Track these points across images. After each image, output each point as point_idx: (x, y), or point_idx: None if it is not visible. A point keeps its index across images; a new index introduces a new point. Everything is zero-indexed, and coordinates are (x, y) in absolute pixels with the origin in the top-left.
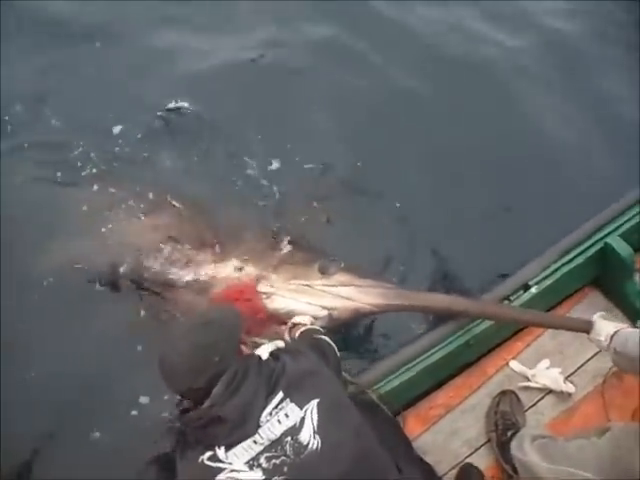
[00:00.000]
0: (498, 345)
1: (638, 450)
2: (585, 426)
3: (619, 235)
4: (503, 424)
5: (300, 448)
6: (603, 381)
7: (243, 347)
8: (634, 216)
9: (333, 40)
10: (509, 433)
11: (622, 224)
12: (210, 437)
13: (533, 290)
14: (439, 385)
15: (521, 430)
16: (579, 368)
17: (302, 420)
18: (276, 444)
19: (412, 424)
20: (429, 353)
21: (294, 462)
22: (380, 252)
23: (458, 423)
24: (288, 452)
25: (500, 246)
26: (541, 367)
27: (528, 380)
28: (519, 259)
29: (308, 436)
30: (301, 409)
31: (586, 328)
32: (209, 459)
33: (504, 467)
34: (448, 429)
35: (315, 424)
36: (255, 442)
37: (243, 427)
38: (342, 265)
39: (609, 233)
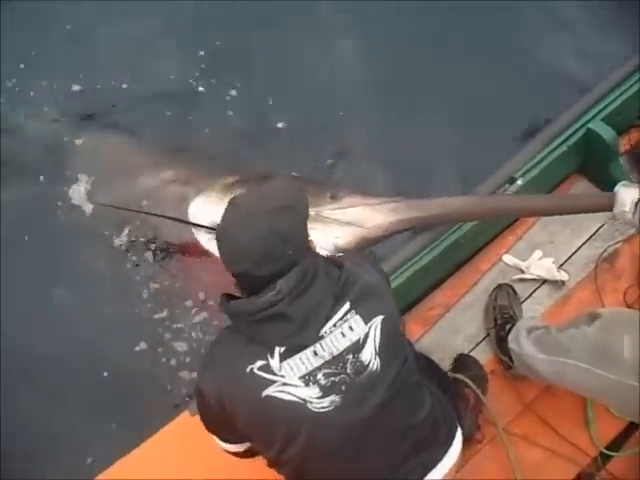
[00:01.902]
0: (489, 241)
1: (625, 336)
2: (580, 312)
3: (602, 119)
4: (502, 318)
5: (361, 367)
6: (595, 266)
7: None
8: (616, 98)
9: None
10: (507, 327)
11: (604, 108)
12: (265, 336)
13: (519, 182)
14: (435, 286)
15: (517, 323)
16: (571, 256)
17: (366, 336)
18: (337, 360)
19: (412, 327)
20: (420, 256)
21: (353, 382)
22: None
23: (458, 321)
24: (348, 370)
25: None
26: (534, 258)
27: (522, 272)
28: (504, 154)
29: (370, 355)
30: (366, 324)
31: (608, 203)
32: (260, 369)
33: (502, 359)
34: (449, 327)
35: (377, 343)
36: (315, 354)
37: (304, 334)
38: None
39: (591, 118)
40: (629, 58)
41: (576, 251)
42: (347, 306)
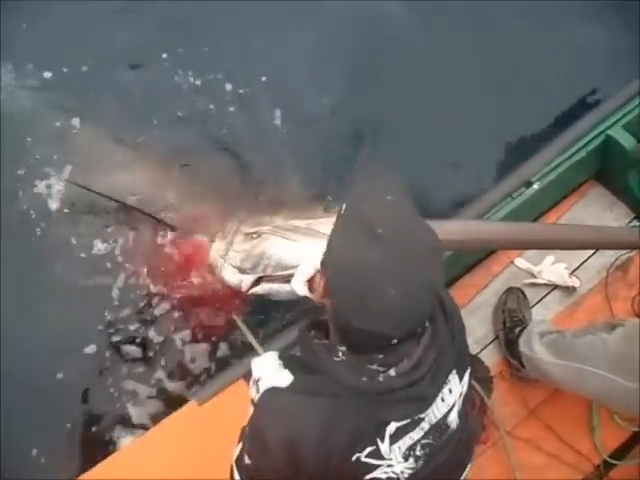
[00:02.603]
0: None
1: None
2: (590, 318)
3: (622, 126)
4: (511, 321)
5: (443, 428)
6: (607, 274)
7: None
8: (637, 106)
9: None
10: (517, 330)
11: (624, 115)
12: (386, 416)
13: (535, 186)
14: (446, 286)
15: (528, 326)
16: (584, 263)
17: (460, 396)
18: (435, 428)
19: None
20: None
21: (435, 445)
22: None
23: (467, 321)
24: (436, 435)
25: (501, 144)
26: (546, 263)
27: (534, 276)
28: (520, 157)
29: (455, 414)
30: (460, 382)
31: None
32: (368, 456)
33: (512, 362)
34: None
35: (462, 399)
36: (422, 428)
37: (422, 407)
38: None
39: (611, 125)
40: None
41: (589, 258)
42: (451, 366)
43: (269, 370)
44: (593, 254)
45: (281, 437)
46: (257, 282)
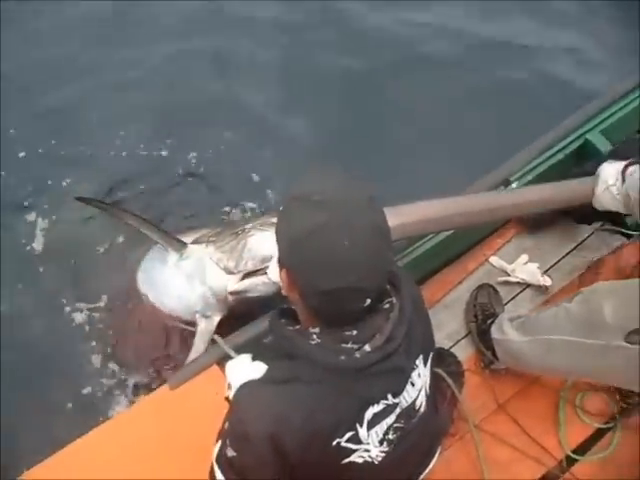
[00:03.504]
0: (478, 242)
1: (605, 302)
2: None
3: (600, 131)
4: (482, 314)
5: (412, 412)
6: (579, 275)
7: None
8: (616, 112)
9: None
10: (488, 322)
11: (603, 120)
12: (366, 395)
13: (514, 185)
14: (421, 282)
15: (500, 315)
16: (556, 263)
17: (426, 379)
18: (406, 411)
19: None
20: (411, 249)
21: (405, 429)
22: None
23: (440, 317)
24: (407, 418)
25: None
26: (519, 262)
27: (507, 275)
28: (500, 156)
29: (422, 398)
30: (425, 366)
31: (591, 185)
32: (348, 441)
33: (485, 353)
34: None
35: (428, 383)
36: (395, 412)
37: (400, 380)
38: None
39: (590, 129)
40: (632, 73)
41: (562, 258)
42: (419, 349)
43: (244, 368)
44: (566, 255)
45: (264, 429)
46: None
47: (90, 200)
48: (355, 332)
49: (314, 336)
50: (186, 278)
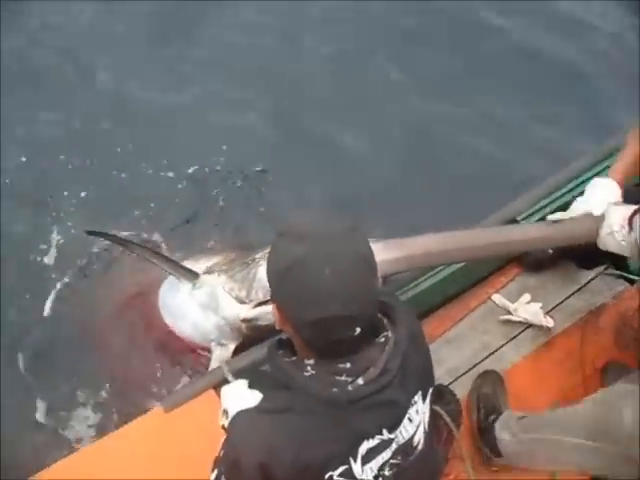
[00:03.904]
0: (481, 279)
1: (624, 407)
2: (561, 359)
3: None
4: (484, 407)
5: (409, 449)
6: (580, 318)
7: None
8: None
9: None
10: (490, 418)
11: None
12: (358, 429)
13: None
14: (422, 316)
15: (504, 414)
16: (559, 304)
17: (424, 415)
18: (403, 448)
19: None
20: (413, 284)
21: (402, 467)
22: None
23: (441, 352)
24: (404, 455)
25: (486, 182)
26: (522, 301)
27: (509, 313)
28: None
29: (421, 435)
30: (424, 402)
31: (595, 225)
32: (341, 475)
33: (483, 450)
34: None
35: (427, 420)
36: (391, 448)
37: (394, 414)
38: None
39: (599, 172)
40: None
41: (564, 300)
42: (416, 383)
43: (239, 395)
44: (569, 297)
45: (255, 459)
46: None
47: (101, 234)
48: (349, 365)
49: (309, 367)
50: (200, 307)
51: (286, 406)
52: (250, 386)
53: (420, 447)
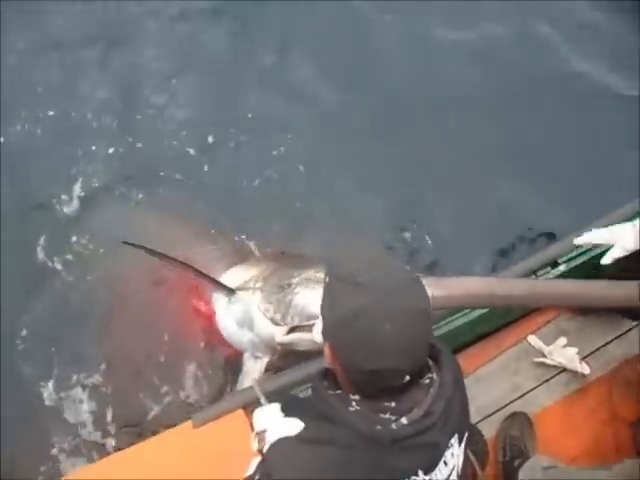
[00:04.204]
0: (517, 318)
1: None
2: (592, 408)
3: None
4: (511, 450)
5: None
6: (616, 366)
7: None
8: None
9: None
10: (516, 462)
11: None
12: (395, 469)
13: (561, 268)
14: (454, 352)
15: (530, 460)
16: (595, 351)
17: (459, 459)
18: None
19: None
20: (448, 320)
21: None
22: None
23: (471, 391)
24: None
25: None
26: (558, 344)
27: (544, 356)
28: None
29: (454, 477)
30: (460, 445)
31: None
32: None
33: None
34: None
35: (461, 463)
36: None
37: (433, 456)
38: None
39: None
40: None
41: (601, 347)
42: (455, 427)
43: (276, 420)
44: (606, 344)
45: None
46: (288, 333)
47: (138, 246)
48: (394, 404)
49: (354, 403)
50: (236, 322)
51: (328, 438)
52: (284, 412)
53: None
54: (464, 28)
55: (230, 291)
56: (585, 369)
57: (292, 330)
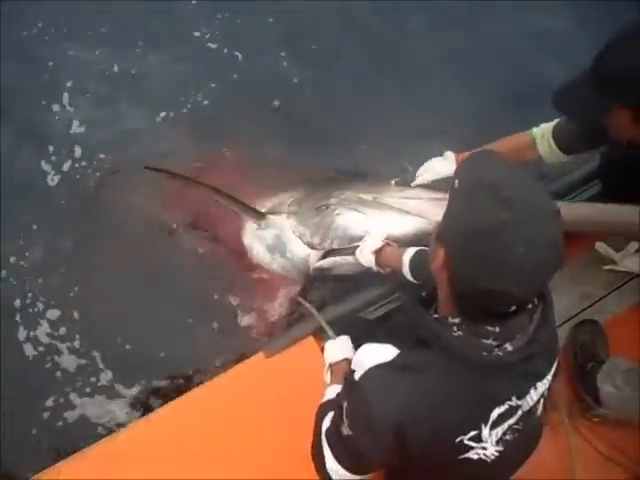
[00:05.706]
0: None
1: None
2: None
3: None
4: (582, 355)
5: (531, 415)
6: None
7: None
8: None
9: None
10: (589, 365)
11: None
12: (498, 394)
13: None
14: None
15: (606, 364)
16: None
17: (547, 383)
18: (526, 414)
19: None
20: None
21: (523, 431)
22: None
23: None
24: (526, 421)
25: None
26: (629, 250)
27: (614, 263)
28: None
29: (542, 401)
30: (550, 369)
31: None
32: (470, 439)
33: (585, 399)
34: None
35: (547, 387)
36: (517, 415)
37: (535, 384)
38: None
39: None
40: None
41: None
42: (555, 355)
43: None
44: None
45: (390, 417)
46: (323, 257)
47: (161, 170)
48: (497, 329)
49: (455, 327)
50: (266, 248)
51: (425, 364)
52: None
53: (538, 413)
54: None
55: (261, 215)
56: None
57: (328, 254)
